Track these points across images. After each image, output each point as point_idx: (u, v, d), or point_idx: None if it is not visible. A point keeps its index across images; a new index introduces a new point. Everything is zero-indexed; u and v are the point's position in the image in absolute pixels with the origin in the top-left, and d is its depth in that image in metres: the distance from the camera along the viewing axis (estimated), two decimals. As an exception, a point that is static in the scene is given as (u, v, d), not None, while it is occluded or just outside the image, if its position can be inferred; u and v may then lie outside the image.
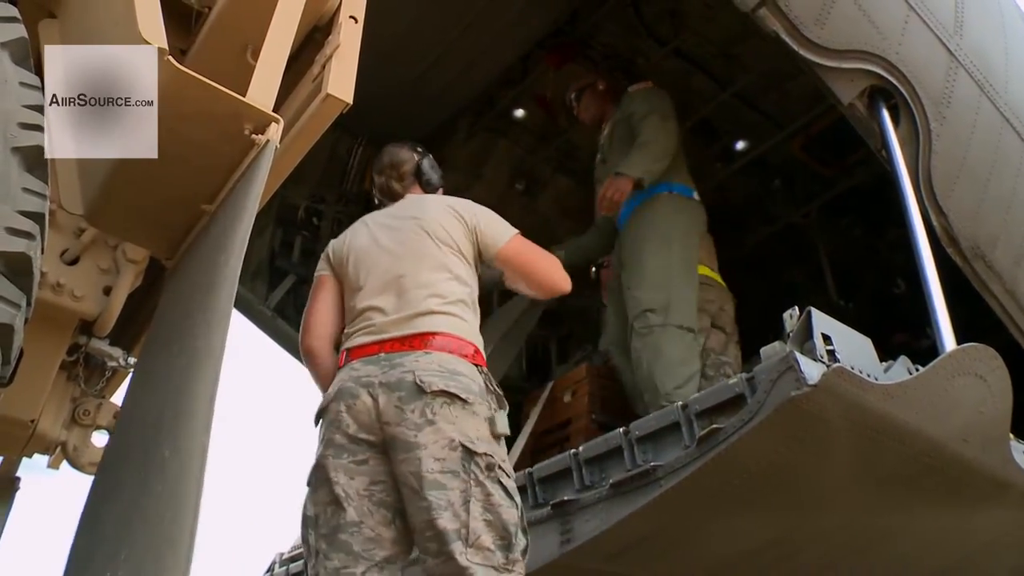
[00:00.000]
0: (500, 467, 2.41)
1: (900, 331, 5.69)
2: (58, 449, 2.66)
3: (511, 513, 2.36)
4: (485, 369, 2.60)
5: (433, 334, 2.54)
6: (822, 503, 3.34)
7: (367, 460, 2.42)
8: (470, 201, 2.97)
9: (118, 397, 2.74)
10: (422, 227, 2.79)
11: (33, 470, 2.85)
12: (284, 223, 6.34)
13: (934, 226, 3.94)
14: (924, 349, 4.01)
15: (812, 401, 2.76)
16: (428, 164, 3.10)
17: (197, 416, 1.48)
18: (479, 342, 2.64)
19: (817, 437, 2.94)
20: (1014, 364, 3.32)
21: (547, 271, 2.92)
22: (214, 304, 1.71)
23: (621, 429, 3.31)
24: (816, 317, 3.01)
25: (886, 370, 3.11)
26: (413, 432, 2.36)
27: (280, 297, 6.28)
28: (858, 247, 6.62)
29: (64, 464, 2.73)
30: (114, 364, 2.65)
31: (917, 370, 3.16)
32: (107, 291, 2.46)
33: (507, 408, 2.57)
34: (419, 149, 3.13)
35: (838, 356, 2.91)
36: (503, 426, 2.50)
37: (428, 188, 3.08)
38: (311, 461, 2.51)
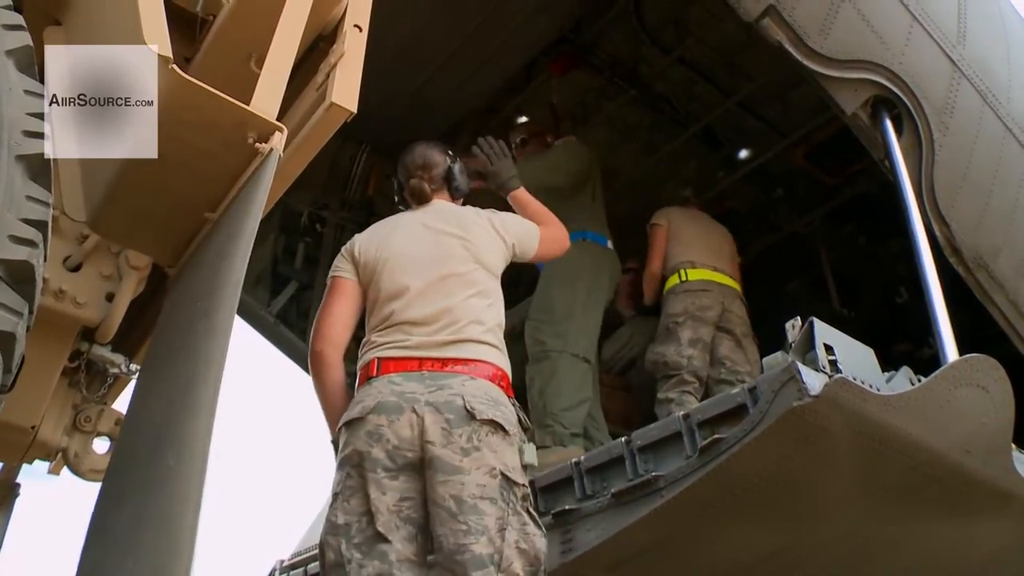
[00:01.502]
0: (529, 497, 2.50)
1: (902, 341, 5.68)
2: (59, 455, 2.66)
3: (542, 542, 2.43)
4: (514, 400, 2.63)
5: (476, 361, 2.57)
6: (824, 514, 3.33)
7: (399, 476, 2.41)
8: (501, 213, 3.00)
9: (120, 404, 2.74)
10: (467, 248, 2.79)
11: (34, 476, 2.85)
12: (287, 230, 6.35)
13: (937, 236, 3.94)
14: (926, 359, 4.01)
15: (814, 411, 2.76)
16: (459, 170, 3.07)
17: (200, 425, 1.48)
18: (510, 372, 2.68)
19: (819, 447, 2.93)
20: (1016, 374, 3.32)
21: (562, 243, 3.17)
22: (217, 312, 1.71)
23: (623, 438, 3.31)
24: (818, 327, 3.01)
25: (888, 380, 3.11)
26: (459, 456, 2.38)
27: (283, 304, 6.29)
28: (861, 256, 6.62)
29: (64, 470, 2.73)
30: (116, 371, 2.64)
31: (919, 380, 3.15)
32: (109, 298, 2.45)
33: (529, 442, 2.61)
34: (450, 152, 3.10)
35: (840, 366, 2.91)
36: (530, 457, 2.55)
37: (456, 194, 3.06)
38: (341, 469, 2.50)
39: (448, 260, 2.75)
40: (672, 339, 4.59)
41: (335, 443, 2.63)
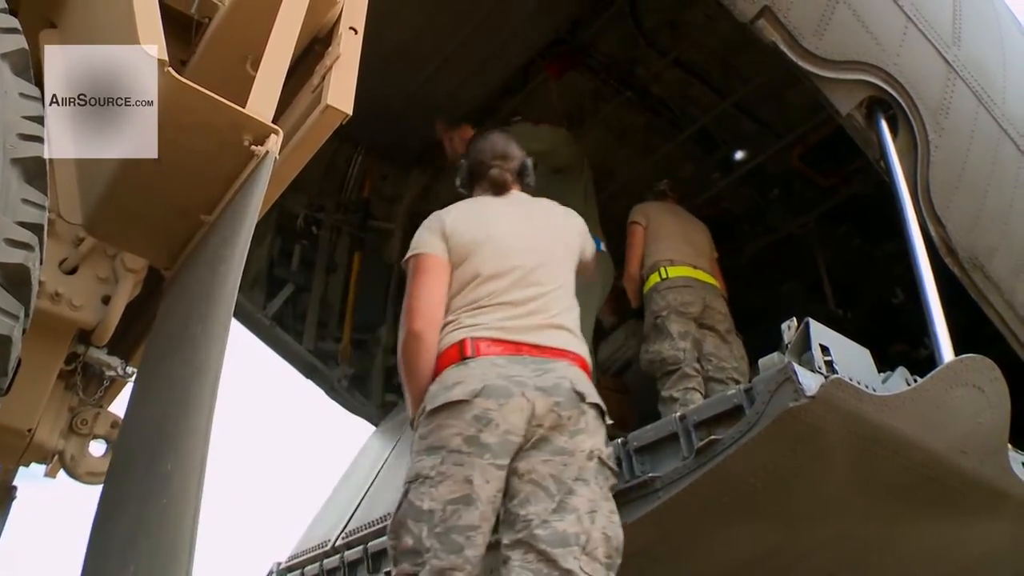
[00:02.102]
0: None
1: (898, 341, 5.69)
2: (55, 458, 2.65)
3: (621, 534, 2.41)
4: None
5: (569, 352, 2.59)
6: (820, 514, 3.34)
7: (504, 467, 2.36)
8: (575, 215, 3.04)
9: (116, 406, 2.74)
10: (558, 240, 2.84)
11: (30, 479, 2.84)
12: (283, 232, 6.36)
13: (932, 236, 3.95)
14: (922, 359, 4.02)
15: (810, 412, 2.77)
16: (530, 164, 3.06)
17: (197, 428, 1.48)
18: None
19: (815, 448, 2.94)
20: (1012, 375, 3.32)
21: (592, 267, 3.15)
22: (214, 315, 1.71)
23: (619, 440, 3.31)
24: (814, 328, 3.02)
25: (884, 381, 3.11)
26: (565, 437, 2.40)
27: (279, 306, 6.28)
28: (856, 257, 6.63)
29: (61, 473, 2.73)
30: (112, 373, 2.63)
31: (915, 381, 3.16)
32: (106, 300, 2.45)
33: None
34: (520, 146, 3.09)
35: (836, 367, 2.91)
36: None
37: (527, 189, 3.05)
38: (434, 453, 2.39)
39: (544, 249, 2.77)
40: (663, 335, 4.56)
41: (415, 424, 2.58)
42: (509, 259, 2.69)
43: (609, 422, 2.55)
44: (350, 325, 6.41)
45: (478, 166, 3.02)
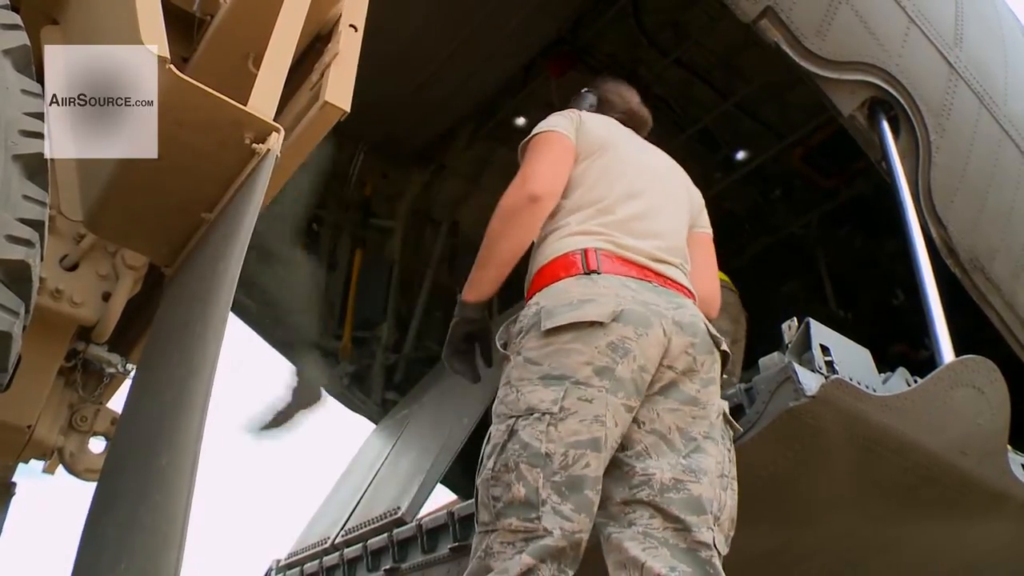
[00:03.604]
0: None
1: (899, 342, 5.69)
2: (55, 455, 2.66)
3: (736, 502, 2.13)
4: None
5: (691, 292, 2.33)
6: (820, 514, 3.34)
7: (634, 409, 2.04)
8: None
9: (115, 403, 2.74)
10: (688, 198, 2.65)
11: (30, 476, 2.85)
12: (284, 229, 6.35)
13: (933, 238, 3.95)
14: (923, 360, 4.02)
15: (810, 412, 2.77)
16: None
17: (191, 425, 1.48)
18: None
19: (815, 448, 2.93)
20: (1012, 376, 3.32)
21: None
22: (212, 312, 1.71)
23: (619, 439, 3.31)
24: (814, 328, 3.02)
25: (884, 381, 3.11)
26: (697, 386, 2.12)
27: (280, 304, 6.28)
28: (857, 258, 6.63)
29: (60, 469, 2.73)
30: (112, 370, 2.64)
31: (915, 381, 3.16)
32: (106, 297, 2.45)
33: None
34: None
35: (836, 367, 2.91)
36: None
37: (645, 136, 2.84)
38: (558, 383, 2.00)
39: (672, 192, 2.56)
40: None
41: (468, 318, 2.33)
42: (640, 179, 2.43)
43: (725, 375, 2.28)
44: (351, 323, 6.42)
45: (617, 97, 2.82)
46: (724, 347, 2.24)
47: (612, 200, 2.34)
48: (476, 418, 4.33)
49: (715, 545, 1.98)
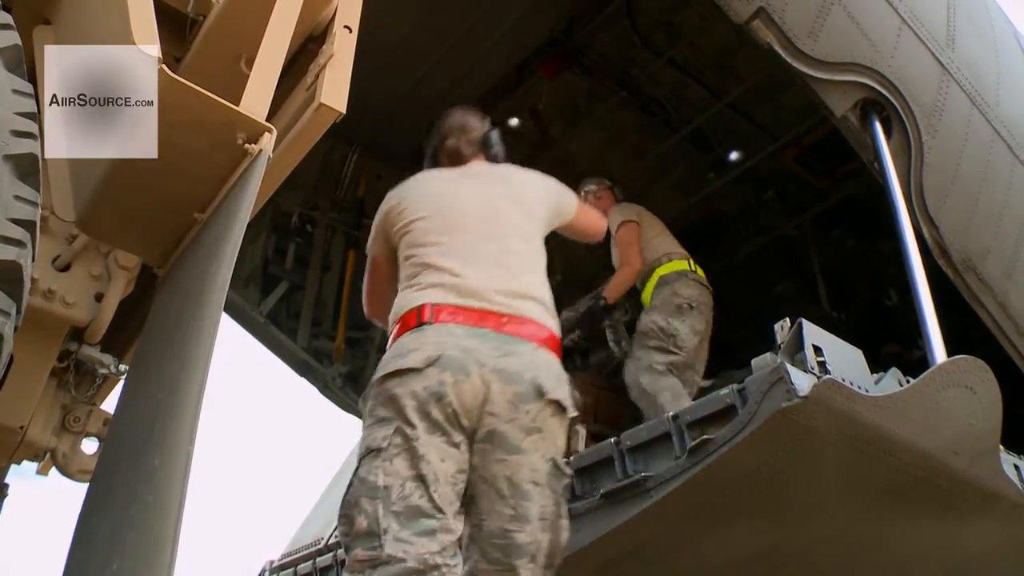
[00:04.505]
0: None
1: (891, 342, 5.70)
2: (47, 456, 2.65)
3: (566, 536, 2.27)
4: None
5: (541, 325, 2.38)
6: (812, 514, 3.35)
7: (459, 445, 2.17)
8: (545, 176, 2.87)
9: (108, 404, 2.74)
10: (511, 197, 2.66)
11: (22, 477, 2.84)
12: (277, 230, 6.35)
13: (926, 238, 3.96)
14: (915, 361, 4.02)
15: (802, 412, 2.77)
16: (496, 136, 2.94)
17: (184, 425, 1.48)
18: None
19: (807, 448, 2.94)
20: (1004, 376, 3.34)
21: (599, 226, 3.06)
22: (204, 312, 1.71)
23: (612, 439, 3.31)
24: (807, 328, 3.02)
25: (876, 382, 3.12)
26: (521, 435, 2.20)
27: (273, 304, 6.27)
28: (850, 258, 6.65)
29: (53, 471, 2.72)
30: (105, 371, 2.63)
31: (908, 382, 3.17)
32: (98, 298, 2.45)
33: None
34: (487, 119, 2.98)
35: (829, 368, 2.92)
36: (581, 443, 2.40)
37: (493, 161, 2.90)
38: (387, 424, 2.19)
39: (495, 208, 2.61)
40: (685, 318, 4.30)
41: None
42: (456, 222, 2.55)
43: (573, 414, 2.33)
44: (344, 323, 6.41)
45: (437, 141, 2.93)
46: (554, 397, 2.27)
47: (434, 256, 2.47)
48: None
49: None
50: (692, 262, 4.56)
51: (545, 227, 2.71)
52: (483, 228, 2.53)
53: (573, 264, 5.71)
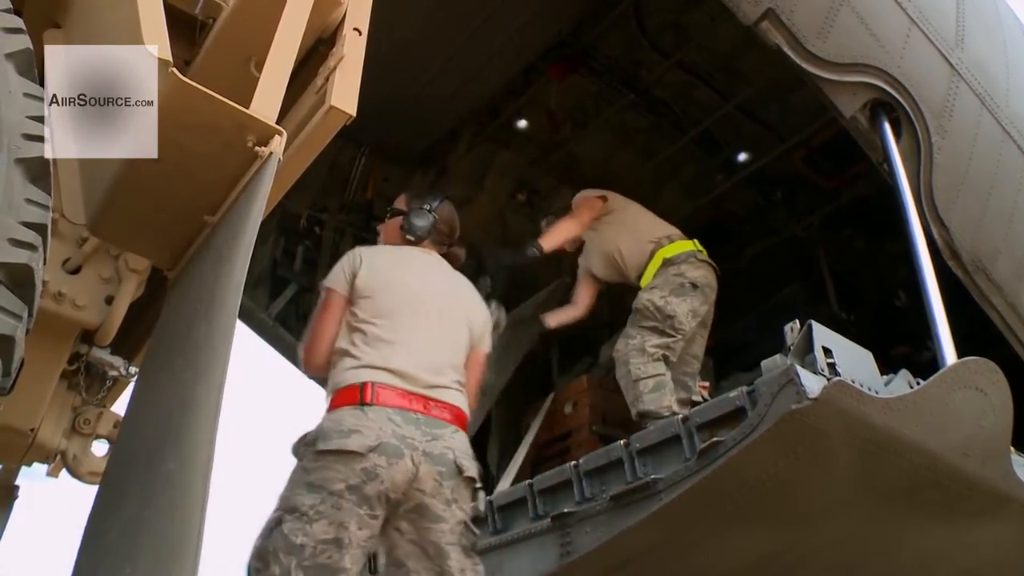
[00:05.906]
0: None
1: (901, 344, 5.68)
2: (58, 458, 2.66)
3: (482, 571, 2.64)
4: None
5: (455, 407, 2.70)
6: (822, 516, 3.34)
7: (378, 517, 2.49)
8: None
9: (119, 407, 2.74)
10: (465, 312, 2.93)
11: (33, 479, 2.84)
12: (286, 232, 6.36)
13: (935, 239, 3.95)
14: (925, 362, 4.01)
15: (812, 414, 2.77)
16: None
17: (201, 429, 1.47)
18: None
19: (817, 450, 2.94)
20: (1015, 378, 3.32)
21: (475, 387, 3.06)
22: (218, 316, 1.71)
23: (622, 441, 3.31)
24: (817, 330, 3.02)
25: (887, 383, 3.12)
26: (443, 507, 2.55)
27: (282, 306, 6.29)
28: (859, 260, 6.62)
29: (63, 473, 2.73)
30: (115, 373, 2.64)
31: (918, 383, 3.16)
32: (109, 300, 2.45)
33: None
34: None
35: (839, 369, 2.92)
36: (482, 504, 2.84)
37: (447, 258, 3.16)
38: (315, 492, 2.45)
39: (452, 306, 2.90)
40: (686, 298, 4.20)
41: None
42: (418, 301, 2.83)
43: (478, 486, 2.68)
44: (352, 324, 6.40)
45: (447, 230, 3.19)
46: (470, 475, 2.63)
47: (388, 333, 2.72)
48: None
49: None
50: (698, 242, 4.53)
51: (468, 342, 2.92)
52: (435, 315, 2.82)
53: None
